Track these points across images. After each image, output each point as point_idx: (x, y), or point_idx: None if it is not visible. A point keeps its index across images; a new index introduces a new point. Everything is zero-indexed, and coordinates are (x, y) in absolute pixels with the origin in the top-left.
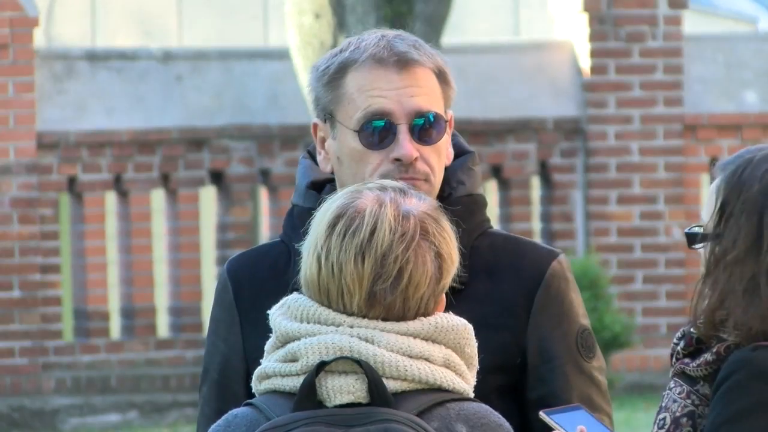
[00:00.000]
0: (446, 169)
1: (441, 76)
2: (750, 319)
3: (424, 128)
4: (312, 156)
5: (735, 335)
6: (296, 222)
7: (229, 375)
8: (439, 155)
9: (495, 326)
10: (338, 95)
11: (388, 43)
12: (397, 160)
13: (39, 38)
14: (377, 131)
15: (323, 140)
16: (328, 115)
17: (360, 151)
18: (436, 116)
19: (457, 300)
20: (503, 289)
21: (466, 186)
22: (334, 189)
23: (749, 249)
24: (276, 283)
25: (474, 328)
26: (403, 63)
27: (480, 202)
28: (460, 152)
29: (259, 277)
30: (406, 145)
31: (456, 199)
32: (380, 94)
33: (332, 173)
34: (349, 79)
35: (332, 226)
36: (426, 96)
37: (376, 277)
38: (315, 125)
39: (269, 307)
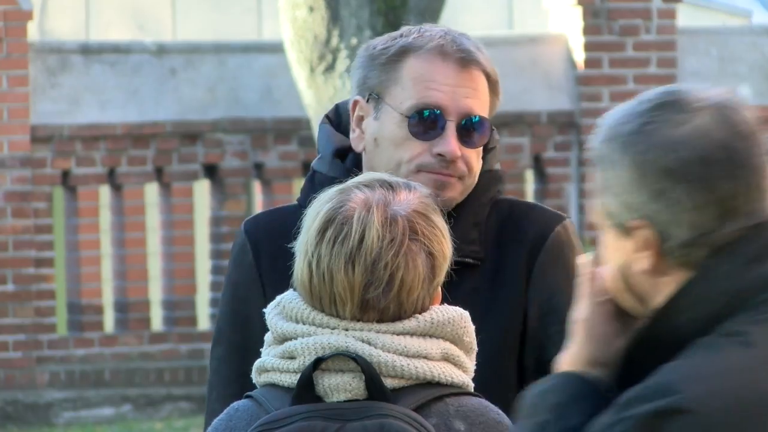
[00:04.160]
0: None
1: (493, 85)
2: None
3: (470, 130)
4: (330, 121)
5: None
6: (317, 188)
7: (250, 336)
8: (478, 158)
9: (503, 295)
10: (392, 77)
11: (454, 38)
12: (440, 155)
13: (33, 32)
14: (426, 122)
15: (361, 119)
16: (375, 95)
17: (402, 137)
18: (482, 120)
19: (473, 275)
20: (509, 257)
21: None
22: (356, 159)
23: None
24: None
25: (488, 300)
26: (466, 61)
27: (496, 177)
28: None
29: (279, 239)
30: (452, 142)
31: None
32: (437, 87)
33: (363, 152)
34: (408, 64)
35: (322, 232)
36: (478, 100)
37: (367, 284)
38: (356, 102)
39: (289, 271)
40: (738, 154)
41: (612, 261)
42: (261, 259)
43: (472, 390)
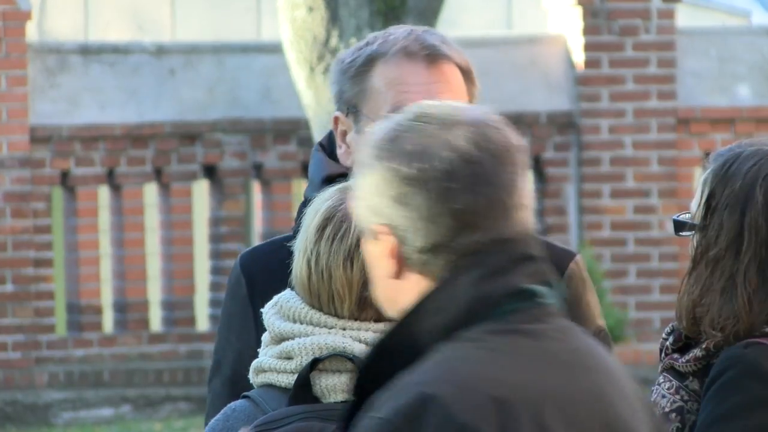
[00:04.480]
0: None
1: (467, 74)
2: (724, 320)
3: None
4: (324, 148)
5: (711, 334)
6: None
7: (241, 371)
8: None
9: None
10: (365, 88)
11: (418, 37)
12: None
13: (32, 32)
14: None
15: (344, 134)
16: (352, 108)
17: None
18: None
19: None
20: None
21: None
22: None
23: (729, 246)
24: (290, 277)
25: None
26: (432, 57)
27: None
28: None
29: (273, 271)
30: None
31: None
32: (410, 90)
33: (351, 166)
34: (377, 71)
35: (321, 230)
36: (452, 93)
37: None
38: (336, 118)
39: None
40: (483, 169)
41: (368, 264)
42: (255, 293)
43: None
